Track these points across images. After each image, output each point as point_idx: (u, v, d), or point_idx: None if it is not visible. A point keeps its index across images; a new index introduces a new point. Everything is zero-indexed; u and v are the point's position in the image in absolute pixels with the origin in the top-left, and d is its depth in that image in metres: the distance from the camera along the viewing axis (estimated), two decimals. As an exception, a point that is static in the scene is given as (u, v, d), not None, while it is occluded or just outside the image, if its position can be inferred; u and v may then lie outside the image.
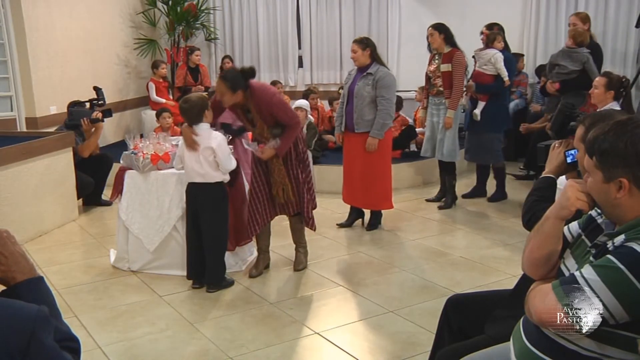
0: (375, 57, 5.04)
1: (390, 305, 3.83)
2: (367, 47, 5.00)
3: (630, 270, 1.54)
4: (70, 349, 1.37)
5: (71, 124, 6.07)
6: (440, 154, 5.83)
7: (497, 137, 6.00)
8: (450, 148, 5.75)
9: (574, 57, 5.68)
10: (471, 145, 6.14)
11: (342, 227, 5.41)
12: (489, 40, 5.94)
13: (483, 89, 5.91)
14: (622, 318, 1.56)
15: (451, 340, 2.40)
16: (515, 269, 4.07)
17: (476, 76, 5.98)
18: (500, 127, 6.02)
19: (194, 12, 8.78)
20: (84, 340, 3.40)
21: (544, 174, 2.48)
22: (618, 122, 1.68)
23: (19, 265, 1.41)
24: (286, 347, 3.35)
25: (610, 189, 1.67)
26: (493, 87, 5.89)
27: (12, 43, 6.57)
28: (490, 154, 6.02)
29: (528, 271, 1.94)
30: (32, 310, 1.28)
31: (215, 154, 3.98)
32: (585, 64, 5.64)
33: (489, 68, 5.87)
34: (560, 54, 5.83)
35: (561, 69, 5.76)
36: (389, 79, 5.01)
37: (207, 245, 4.11)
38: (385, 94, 4.96)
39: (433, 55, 5.84)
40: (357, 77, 5.08)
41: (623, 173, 1.64)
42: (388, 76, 5.01)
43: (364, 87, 4.98)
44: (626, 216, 1.67)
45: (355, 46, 5.02)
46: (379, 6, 8.59)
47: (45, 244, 5.17)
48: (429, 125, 5.94)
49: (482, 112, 5.88)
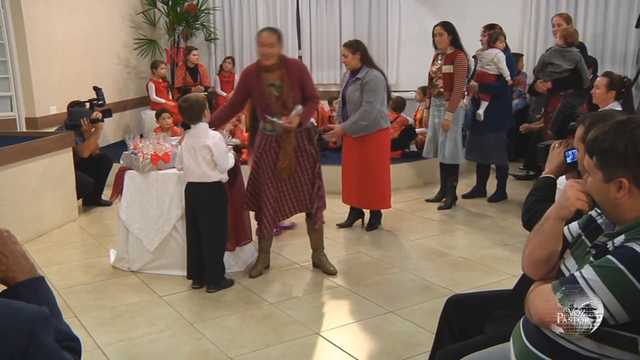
0: (366, 60, 4.97)
1: (390, 305, 3.83)
2: (357, 51, 4.92)
3: (630, 270, 1.54)
4: (71, 349, 1.37)
5: (71, 124, 6.07)
6: (441, 156, 5.84)
7: (500, 136, 6.01)
8: (451, 150, 5.76)
9: (566, 56, 5.69)
10: (473, 145, 6.14)
11: (342, 227, 5.41)
12: (491, 39, 5.95)
13: (486, 89, 5.92)
14: (622, 318, 1.57)
15: (451, 341, 2.40)
16: (515, 269, 4.07)
17: (479, 76, 5.98)
18: (503, 125, 6.03)
19: (193, 12, 8.77)
20: (84, 340, 3.40)
21: (544, 174, 2.48)
22: (618, 122, 1.68)
23: (20, 265, 1.41)
24: (286, 347, 3.35)
25: (610, 189, 1.67)
26: (496, 87, 5.90)
27: (12, 43, 6.57)
28: (496, 153, 6.02)
29: (528, 271, 1.94)
30: (33, 310, 1.28)
31: (212, 153, 3.98)
32: (577, 63, 5.67)
33: (491, 68, 5.87)
34: (553, 53, 5.83)
35: (555, 67, 5.77)
36: (375, 82, 4.88)
37: (206, 245, 4.11)
38: (370, 98, 4.87)
39: (437, 54, 5.83)
40: (349, 81, 5.04)
41: (623, 173, 1.64)
42: (375, 80, 4.89)
43: (354, 92, 4.94)
44: (626, 216, 1.67)
45: (346, 50, 4.96)
46: (379, 6, 8.59)
47: (45, 244, 5.17)
48: (430, 126, 5.95)
49: (486, 111, 5.89)
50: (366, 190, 5.18)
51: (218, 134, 4.09)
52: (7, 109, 6.69)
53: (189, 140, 4.04)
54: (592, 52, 7.43)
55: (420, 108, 7.32)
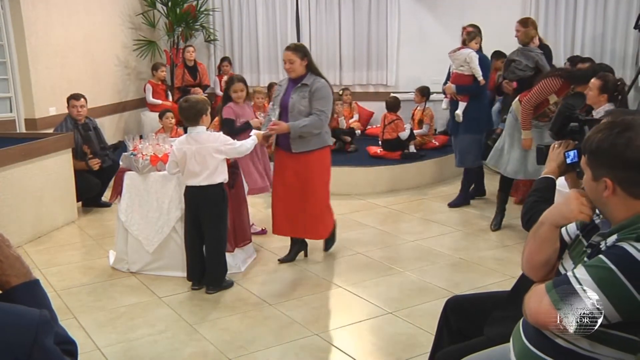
0: (312, 67, 4.40)
1: (390, 306, 3.83)
2: (305, 57, 4.35)
3: (621, 270, 1.55)
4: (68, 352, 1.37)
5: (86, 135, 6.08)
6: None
7: (477, 139, 5.92)
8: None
9: (527, 55, 5.67)
10: (458, 149, 6.06)
11: (283, 262, 4.64)
12: (469, 38, 5.85)
13: (462, 90, 5.84)
14: (614, 318, 1.57)
15: (451, 342, 2.40)
16: (514, 270, 4.07)
17: (455, 78, 5.89)
18: (481, 128, 5.96)
19: (193, 13, 8.78)
20: (83, 341, 3.40)
21: (544, 174, 2.48)
22: (610, 122, 1.71)
23: (15, 269, 1.41)
24: (285, 348, 3.35)
25: (598, 187, 1.70)
26: (470, 89, 5.81)
27: (12, 44, 6.57)
28: (472, 155, 5.92)
29: (528, 274, 1.94)
30: (35, 314, 1.28)
31: (221, 154, 3.99)
32: (537, 62, 5.62)
33: (465, 69, 5.78)
34: (516, 52, 5.80)
35: (517, 64, 5.74)
36: (327, 90, 4.36)
37: (208, 247, 4.11)
38: (322, 107, 4.31)
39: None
40: (290, 89, 4.40)
41: (607, 173, 1.67)
42: (325, 88, 4.35)
43: (300, 101, 4.32)
44: (615, 215, 1.69)
45: (292, 55, 4.31)
46: (378, 7, 8.59)
47: (44, 245, 5.17)
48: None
49: (464, 113, 5.81)
50: (308, 216, 4.51)
51: (221, 135, 4.09)
52: (7, 110, 6.70)
53: (192, 146, 3.99)
54: (591, 53, 7.44)
55: (418, 109, 7.32)
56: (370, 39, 8.68)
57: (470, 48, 5.81)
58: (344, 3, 8.71)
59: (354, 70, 8.82)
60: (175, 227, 4.35)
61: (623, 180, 1.65)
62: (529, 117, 5.00)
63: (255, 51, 9.16)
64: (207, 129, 4.17)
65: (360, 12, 8.68)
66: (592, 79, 4.33)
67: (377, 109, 8.36)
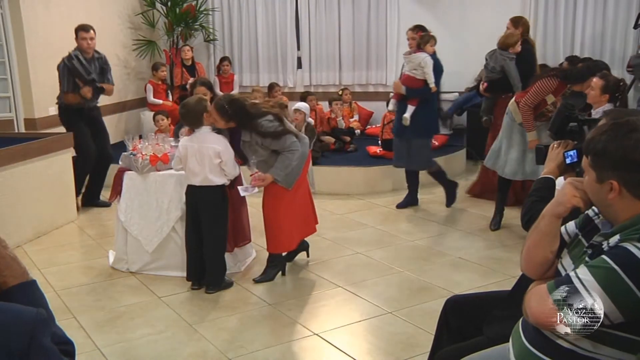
0: (241, 119, 3.99)
1: (389, 306, 3.83)
2: (231, 118, 3.96)
3: (624, 270, 1.55)
4: (66, 352, 1.37)
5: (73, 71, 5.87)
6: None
7: (426, 143, 5.86)
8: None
9: (496, 57, 5.62)
10: (400, 151, 5.96)
11: (258, 282, 4.29)
12: (423, 41, 5.72)
13: (413, 94, 5.71)
14: (617, 318, 1.57)
15: (450, 342, 2.40)
16: (514, 270, 4.07)
17: (406, 79, 5.78)
18: (429, 132, 5.90)
19: (192, 13, 8.78)
20: (83, 341, 3.40)
21: (543, 174, 2.48)
22: (615, 124, 1.69)
23: (11, 269, 1.41)
24: (285, 348, 3.35)
25: (602, 189, 1.68)
26: (420, 93, 5.70)
27: (11, 44, 6.57)
28: (419, 158, 5.86)
29: (526, 270, 1.94)
30: (32, 313, 1.28)
31: (220, 159, 3.98)
32: (503, 66, 5.55)
33: (418, 72, 5.66)
34: (490, 52, 5.77)
35: (487, 65, 5.74)
36: (273, 127, 3.98)
37: (208, 247, 4.11)
38: (282, 143, 4.02)
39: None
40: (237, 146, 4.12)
41: (613, 175, 1.65)
42: (270, 125, 3.97)
43: (256, 153, 4.06)
44: (619, 216, 1.68)
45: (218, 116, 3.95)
46: (378, 7, 8.58)
47: (44, 245, 5.16)
48: None
49: (412, 117, 5.69)
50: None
51: (224, 139, 4.08)
52: (6, 110, 6.70)
53: (194, 144, 4.02)
54: (590, 53, 7.44)
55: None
56: (370, 38, 8.68)
57: (426, 52, 5.68)
58: (343, 3, 8.70)
59: (354, 70, 8.81)
60: (175, 227, 4.35)
61: (630, 182, 1.64)
62: (530, 118, 4.96)
63: (254, 51, 9.15)
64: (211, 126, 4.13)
65: (360, 12, 8.67)
66: (594, 79, 4.31)
67: (376, 108, 8.37)
